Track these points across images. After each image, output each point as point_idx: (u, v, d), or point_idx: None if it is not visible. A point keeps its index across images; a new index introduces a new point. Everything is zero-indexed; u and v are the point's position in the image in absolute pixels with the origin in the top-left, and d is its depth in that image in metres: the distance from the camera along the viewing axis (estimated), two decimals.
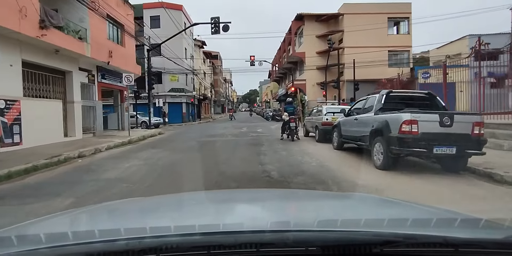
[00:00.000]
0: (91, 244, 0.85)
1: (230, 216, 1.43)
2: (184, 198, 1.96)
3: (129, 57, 17.05)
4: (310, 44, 33.48)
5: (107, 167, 7.35)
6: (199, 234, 0.93)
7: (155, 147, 11.29)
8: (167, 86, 33.87)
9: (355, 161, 7.79)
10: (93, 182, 5.76)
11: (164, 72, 33.00)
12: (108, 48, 14.24)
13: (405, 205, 1.71)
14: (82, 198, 4.67)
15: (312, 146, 10.83)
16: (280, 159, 8.15)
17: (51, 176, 6.53)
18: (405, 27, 32.00)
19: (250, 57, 31.66)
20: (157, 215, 1.44)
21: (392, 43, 31.20)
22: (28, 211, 4.08)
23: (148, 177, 6.22)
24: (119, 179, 6.03)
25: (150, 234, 0.92)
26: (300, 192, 2.87)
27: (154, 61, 32.53)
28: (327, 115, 11.10)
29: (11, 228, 1.20)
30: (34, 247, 0.86)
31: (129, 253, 0.81)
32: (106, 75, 15.58)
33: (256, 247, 0.85)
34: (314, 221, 1.10)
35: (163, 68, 32.68)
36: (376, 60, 30.38)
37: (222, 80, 78.62)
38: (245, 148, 10.49)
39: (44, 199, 4.62)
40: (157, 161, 8.12)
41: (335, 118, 10.59)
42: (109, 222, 1.38)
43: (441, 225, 1.14)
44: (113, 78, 16.14)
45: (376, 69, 30.38)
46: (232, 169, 6.72)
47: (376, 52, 30.30)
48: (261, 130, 18.61)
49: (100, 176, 6.36)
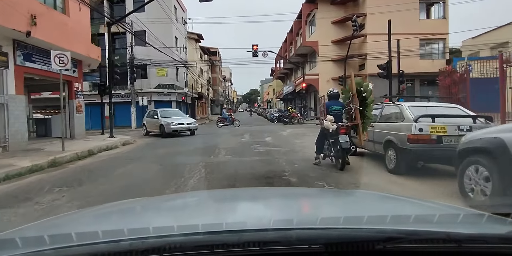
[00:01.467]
0: (95, 245, 0.85)
1: (233, 215, 1.42)
2: (186, 198, 2.05)
3: (77, 31, 11.64)
4: (324, 31, 28.05)
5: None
6: (202, 233, 0.93)
7: (72, 184, 5.84)
8: (153, 82, 28.42)
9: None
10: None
11: (150, 65, 27.56)
12: (28, 11, 8.83)
13: (408, 201, 1.71)
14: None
15: (396, 187, 5.14)
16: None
17: None
18: (440, 10, 26.54)
19: (253, 46, 26.25)
20: (160, 215, 1.44)
21: (424, 29, 25.75)
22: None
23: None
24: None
25: (153, 234, 0.93)
26: (302, 190, 2.75)
27: (138, 51, 27.11)
28: (421, 123, 5.40)
29: (15, 230, 1.21)
30: (38, 249, 0.86)
31: (132, 253, 0.80)
32: (35, 56, 10.17)
33: (259, 246, 0.84)
34: (317, 218, 1.12)
35: (149, 60, 27.26)
36: (405, 50, 25.02)
37: (221, 78, 73.36)
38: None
39: None
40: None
41: (443, 129, 5.19)
42: (113, 222, 1.36)
43: (444, 221, 1.14)
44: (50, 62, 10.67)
45: (404, 61, 24.99)
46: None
47: (405, 40, 24.91)
48: (271, 139, 12.84)
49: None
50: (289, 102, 46.47)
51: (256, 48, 26.25)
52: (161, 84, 28.55)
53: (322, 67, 28.32)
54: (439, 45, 26.30)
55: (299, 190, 3.02)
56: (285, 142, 11.65)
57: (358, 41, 26.15)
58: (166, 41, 27.63)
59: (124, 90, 27.77)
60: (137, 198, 1.96)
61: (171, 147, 11.12)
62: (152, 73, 28.32)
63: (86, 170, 7.16)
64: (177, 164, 7.51)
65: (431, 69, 25.17)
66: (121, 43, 28.19)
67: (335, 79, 27.32)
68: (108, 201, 2.52)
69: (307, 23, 31.11)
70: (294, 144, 10.91)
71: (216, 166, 7.12)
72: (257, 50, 26.19)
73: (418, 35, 25.83)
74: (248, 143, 11.29)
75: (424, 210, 1.42)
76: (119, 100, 28.32)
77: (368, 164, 7.16)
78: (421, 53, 26.30)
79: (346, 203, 1.64)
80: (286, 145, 10.68)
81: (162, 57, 26.83)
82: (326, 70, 28.04)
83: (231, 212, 1.48)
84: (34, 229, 1.25)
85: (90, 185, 5.69)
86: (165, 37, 27.79)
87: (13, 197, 4.90)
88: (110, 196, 4.72)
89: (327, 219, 1.16)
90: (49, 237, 0.96)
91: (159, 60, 27.15)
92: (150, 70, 28.21)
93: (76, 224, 1.35)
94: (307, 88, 28.36)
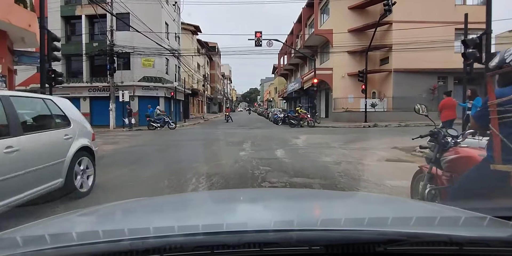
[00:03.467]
0: (96, 244, 0.85)
1: (234, 216, 1.41)
2: (187, 198, 2.00)
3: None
4: (340, 18, 23.88)
5: None
6: (203, 234, 0.93)
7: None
8: (137, 74, 24.15)
9: None
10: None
11: (133, 53, 23.28)
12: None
13: (409, 203, 1.75)
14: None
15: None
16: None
17: None
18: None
19: (256, 33, 21.98)
20: (160, 215, 1.42)
21: (460, 17, 21.46)
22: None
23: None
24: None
25: (153, 234, 0.92)
26: (303, 191, 2.72)
27: (120, 37, 22.84)
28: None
29: (16, 229, 1.20)
30: (39, 248, 0.86)
31: (133, 253, 0.80)
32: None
33: (259, 247, 0.84)
34: (317, 220, 1.13)
35: (133, 47, 23.00)
36: (439, 40, 20.88)
37: (219, 76, 69.13)
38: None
39: None
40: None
41: None
42: (113, 222, 1.36)
43: (445, 223, 1.13)
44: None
45: (437, 54, 20.87)
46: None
47: (438, 29, 20.78)
48: (284, 154, 8.38)
49: None
50: (294, 101, 42.25)
51: (259, 35, 21.97)
52: (147, 76, 24.27)
53: (336, 61, 24.12)
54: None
55: (300, 191, 2.90)
56: (309, 161, 7.30)
57: (380, 29, 21.97)
58: (155, 27, 23.37)
59: (102, 82, 23.51)
60: (137, 198, 1.89)
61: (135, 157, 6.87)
62: (136, 63, 24.05)
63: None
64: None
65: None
66: (100, 28, 23.89)
67: (352, 74, 23.14)
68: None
69: (319, 10, 26.88)
70: (326, 167, 6.64)
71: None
72: (260, 38, 21.91)
73: (453, 23, 21.70)
74: (250, 165, 6.75)
75: (425, 212, 1.40)
76: (96, 94, 24.09)
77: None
78: (456, 45, 22.10)
79: (347, 205, 1.60)
80: (315, 169, 6.36)
81: (148, 45, 22.59)
82: (341, 63, 23.85)
83: (231, 213, 1.45)
84: (34, 228, 1.25)
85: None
86: (153, 22, 23.54)
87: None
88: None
89: (328, 220, 1.15)
90: (50, 236, 0.96)
91: (145, 48, 22.91)
92: (134, 60, 23.93)
93: (76, 224, 1.35)
94: (318, 85, 24.16)
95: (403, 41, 20.58)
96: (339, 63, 23.86)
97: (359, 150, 9.26)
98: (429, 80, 21.75)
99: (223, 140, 12.31)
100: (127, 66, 23.98)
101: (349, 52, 23.68)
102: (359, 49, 22.79)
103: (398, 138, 11.99)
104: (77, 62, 24.94)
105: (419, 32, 20.51)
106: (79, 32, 24.55)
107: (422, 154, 8.09)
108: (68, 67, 25.34)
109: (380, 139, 11.82)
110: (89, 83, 23.96)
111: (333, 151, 8.81)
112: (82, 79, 24.40)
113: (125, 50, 22.68)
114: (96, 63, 24.88)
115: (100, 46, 23.01)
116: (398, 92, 21.46)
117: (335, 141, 11.45)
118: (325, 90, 27.01)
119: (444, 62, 21.25)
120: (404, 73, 21.68)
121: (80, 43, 24.42)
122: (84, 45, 24.30)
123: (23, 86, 21.96)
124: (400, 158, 7.82)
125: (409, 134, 4.96)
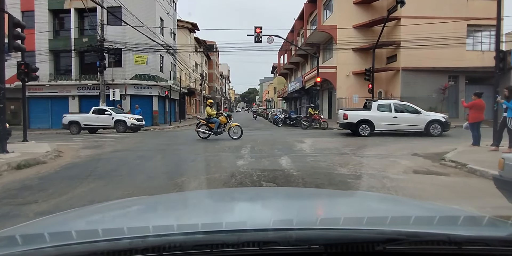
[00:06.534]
0: (95, 243, 0.84)
1: (233, 215, 1.39)
2: (187, 197, 1.96)
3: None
4: (345, 13, 22.56)
5: None
6: (202, 232, 0.92)
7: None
8: (129, 71, 22.76)
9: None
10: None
11: (125, 49, 21.92)
12: None
13: (408, 202, 1.73)
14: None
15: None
16: None
17: None
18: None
19: (255, 29, 20.64)
20: (160, 214, 1.42)
21: (473, 13, 20.30)
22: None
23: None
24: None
25: (153, 233, 0.92)
26: (303, 191, 2.74)
27: (111, 32, 21.50)
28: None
29: (15, 227, 1.19)
30: (38, 246, 0.85)
31: (132, 252, 0.80)
32: None
33: (259, 246, 0.84)
34: (316, 219, 1.13)
35: (124, 43, 21.64)
36: (450, 37, 19.59)
37: (218, 75, 67.68)
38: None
39: None
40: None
41: None
42: (113, 221, 1.34)
43: (444, 222, 1.12)
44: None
45: (447, 52, 19.59)
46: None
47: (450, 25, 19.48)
48: (291, 164, 6.79)
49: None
50: (294, 102, 40.90)
51: (259, 31, 20.62)
52: (140, 74, 22.89)
53: (340, 58, 22.80)
54: (491, 33, 20.75)
55: (299, 190, 2.90)
56: (322, 174, 5.85)
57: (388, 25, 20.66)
58: (148, 22, 22.04)
59: (92, 80, 22.13)
60: (137, 197, 1.88)
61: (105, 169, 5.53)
62: (128, 60, 22.68)
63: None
64: None
65: (480, 62, 19.79)
66: (90, 22, 22.52)
67: (357, 73, 21.85)
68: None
69: (322, 6, 25.55)
70: (345, 183, 5.20)
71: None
72: (260, 34, 20.56)
73: (465, 19, 20.44)
74: (250, 180, 5.35)
75: (424, 211, 1.40)
76: (86, 93, 22.72)
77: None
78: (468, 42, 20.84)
79: (346, 204, 1.58)
80: (333, 187, 4.88)
81: (141, 40, 21.25)
82: (345, 61, 22.53)
83: (231, 212, 1.44)
84: (34, 227, 1.24)
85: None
86: (147, 17, 22.24)
87: None
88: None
89: (327, 219, 1.15)
90: (49, 235, 0.96)
91: (138, 43, 21.55)
92: (125, 56, 22.57)
93: (76, 222, 1.32)
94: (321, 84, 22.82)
95: (412, 37, 19.29)
96: (344, 61, 22.54)
97: (376, 157, 7.93)
98: (439, 80, 20.44)
99: (218, 144, 10.96)
100: (118, 63, 22.62)
101: (354, 50, 22.38)
102: (365, 46, 21.49)
103: (415, 143, 10.67)
104: (66, 59, 23.55)
105: (429, 28, 19.20)
106: (68, 27, 23.15)
107: (455, 164, 6.77)
108: (56, 64, 23.95)
109: (395, 144, 10.50)
110: (78, 81, 22.55)
111: (347, 160, 7.46)
112: (71, 77, 22.99)
113: (116, 46, 21.36)
114: (86, 60, 23.48)
115: (90, 42, 21.64)
116: (406, 92, 20.13)
117: (345, 146, 10.11)
118: (328, 89, 25.70)
119: (456, 60, 19.98)
120: (412, 72, 20.38)
121: (69, 38, 23.01)
122: (73, 40, 22.90)
123: (8, 84, 20.60)
124: (429, 170, 6.49)
125: (424, 137, 3.62)
